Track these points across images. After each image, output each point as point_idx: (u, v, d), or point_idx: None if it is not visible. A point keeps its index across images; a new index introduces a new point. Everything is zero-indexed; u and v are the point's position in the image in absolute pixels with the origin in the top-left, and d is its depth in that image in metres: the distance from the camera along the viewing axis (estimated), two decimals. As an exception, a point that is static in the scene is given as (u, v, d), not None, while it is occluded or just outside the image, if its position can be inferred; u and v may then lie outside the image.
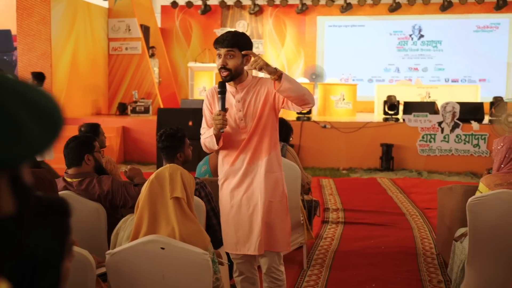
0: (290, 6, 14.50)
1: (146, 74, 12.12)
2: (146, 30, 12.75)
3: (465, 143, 9.35)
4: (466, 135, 9.38)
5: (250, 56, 2.90)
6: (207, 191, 3.40)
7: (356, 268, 4.56)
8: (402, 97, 10.94)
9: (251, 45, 2.99)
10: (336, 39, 14.73)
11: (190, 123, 9.01)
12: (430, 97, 11.99)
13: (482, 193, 3.33)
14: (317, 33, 14.82)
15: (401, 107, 10.42)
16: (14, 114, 0.79)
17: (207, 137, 2.99)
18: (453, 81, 14.31)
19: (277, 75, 2.76)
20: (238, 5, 14.67)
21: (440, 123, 9.46)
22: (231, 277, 3.55)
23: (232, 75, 2.91)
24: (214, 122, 2.89)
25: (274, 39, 14.95)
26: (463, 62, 14.23)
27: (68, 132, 5.31)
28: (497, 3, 13.63)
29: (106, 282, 2.45)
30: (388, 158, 9.49)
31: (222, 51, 2.89)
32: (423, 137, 9.51)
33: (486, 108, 10.44)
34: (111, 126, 10.35)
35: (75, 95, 11.00)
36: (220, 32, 13.83)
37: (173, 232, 2.34)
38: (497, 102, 10.23)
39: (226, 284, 3.37)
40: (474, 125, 9.36)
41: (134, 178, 3.45)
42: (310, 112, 10.37)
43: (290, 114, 10.72)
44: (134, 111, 11.48)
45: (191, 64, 12.69)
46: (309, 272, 4.47)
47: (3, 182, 0.86)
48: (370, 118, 11.04)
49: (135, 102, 11.60)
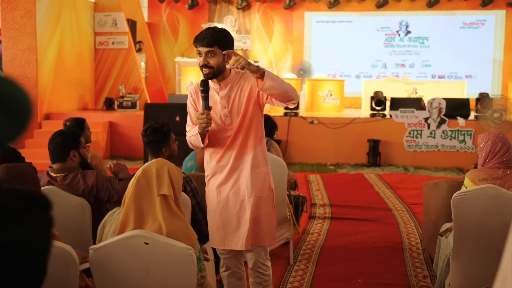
0: (278, 2, 14.47)
1: (133, 69, 12.04)
2: (133, 24, 12.66)
3: (451, 139, 9.41)
4: (452, 131, 9.43)
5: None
6: (193, 186, 3.38)
7: (342, 263, 4.57)
8: (389, 93, 10.98)
9: (232, 41, 2.95)
10: (323, 35, 14.73)
11: (177, 118, 8.98)
12: (417, 93, 12.05)
13: (467, 188, 3.35)
14: (304, 28, 14.81)
15: (388, 103, 10.46)
16: None
17: (193, 135, 2.97)
18: (439, 77, 14.38)
19: (259, 74, 2.74)
20: (226, 0, 14.60)
21: (426, 119, 9.50)
22: (217, 272, 3.54)
23: (214, 73, 2.89)
24: (198, 122, 2.86)
25: (262, 35, 14.92)
26: (450, 59, 14.30)
27: (53, 126, 5.25)
28: (483, 0, 13.71)
29: (91, 277, 2.43)
30: (375, 153, 9.52)
31: (202, 50, 2.85)
32: (410, 133, 9.56)
33: (472, 104, 10.52)
34: (98, 121, 10.27)
35: (61, 90, 10.89)
36: (208, 26, 13.76)
37: (159, 228, 2.32)
38: (482, 98, 10.30)
39: (212, 280, 3.36)
40: (460, 121, 9.42)
41: (119, 174, 3.42)
42: (297, 107, 10.37)
43: (278, 110, 10.71)
44: (121, 106, 11.40)
45: (178, 59, 12.63)
46: (295, 267, 4.47)
47: None
48: (358, 114, 11.07)
49: (122, 97, 11.52)
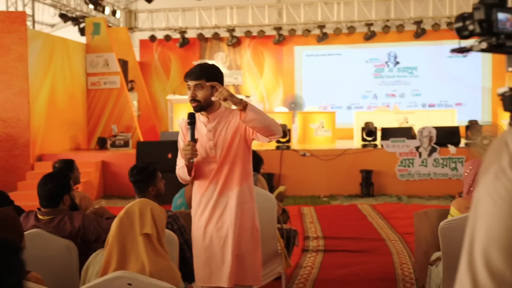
0: (267, 37, 14.70)
1: (125, 108, 12.12)
2: (124, 64, 12.80)
3: (443, 167, 9.45)
4: (443, 159, 9.48)
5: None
6: (180, 224, 3.38)
7: (335, 296, 4.53)
8: (381, 123, 11.06)
9: (220, 75, 3.03)
10: (313, 68, 14.92)
11: (169, 156, 8.99)
12: (408, 122, 12.14)
13: (453, 216, 3.36)
14: (294, 62, 15.01)
15: (379, 133, 10.53)
16: None
17: (180, 167, 3.01)
18: (430, 106, 14.52)
19: (242, 106, 2.79)
20: (216, 37, 14.83)
21: (417, 148, 9.56)
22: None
23: (201, 106, 2.96)
24: (184, 152, 2.92)
25: (253, 70, 15.10)
26: (439, 87, 14.47)
27: (46, 168, 5.20)
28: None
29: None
30: (368, 184, 9.54)
31: (191, 84, 2.96)
32: (402, 162, 9.60)
33: (463, 131, 10.60)
34: (90, 161, 10.29)
35: (54, 131, 10.94)
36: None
37: (143, 268, 2.32)
38: (472, 125, 10.39)
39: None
40: (451, 148, 9.48)
41: (103, 216, 3.42)
42: (289, 140, 10.43)
43: (270, 143, 10.75)
44: (113, 145, 11.43)
45: (170, 96, 12.74)
46: (288, 302, 4.43)
47: None
48: (350, 145, 11.13)
49: (115, 136, 11.57)
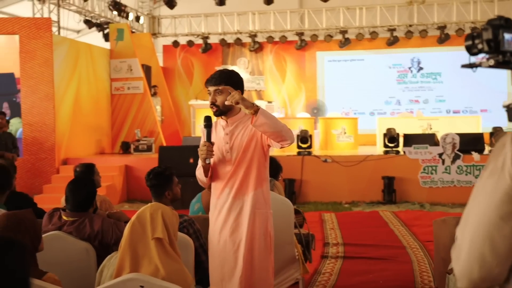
0: (290, 43, 14.71)
1: (148, 113, 12.25)
2: (147, 69, 12.95)
3: (466, 174, 9.32)
4: (467, 166, 9.35)
5: (239, 91, 2.99)
6: (196, 228, 3.40)
7: (353, 303, 4.50)
8: (404, 129, 10.96)
9: (238, 81, 3.07)
10: (336, 74, 14.88)
11: (191, 160, 9.05)
12: (431, 128, 12.00)
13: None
14: (317, 68, 15.00)
15: (401, 140, 10.44)
16: None
17: (198, 168, 3.08)
18: (454, 112, 14.35)
19: (253, 110, 2.81)
20: (238, 42, 14.91)
21: (440, 155, 9.45)
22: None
23: (221, 111, 3.03)
24: (200, 153, 2.97)
25: (275, 75, 15.13)
26: (464, 93, 14.29)
27: (70, 172, 5.23)
28: (494, 34, 13.76)
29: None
30: (390, 190, 9.46)
31: (211, 89, 3.04)
32: (425, 169, 9.50)
33: (487, 138, 10.44)
34: (114, 165, 10.42)
35: (79, 136, 11.11)
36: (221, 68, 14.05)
37: (156, 270, 2.35)
38: (496, 132, 10.23)
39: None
40: (475, 155, 9.35)
41: (120, 219, 3.47)
42: (310, 146, 10.41)
43: (291, 149, 10.77)
44: (137, 150, 11.56)
45: (192, 102, 12.83)
46: (305, 308, 4.42)
47: None
48: (373, 151, 11.05)
49: (138, 140, 11.70)
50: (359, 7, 14.31)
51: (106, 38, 13.56)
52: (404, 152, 9.75)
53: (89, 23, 13.46)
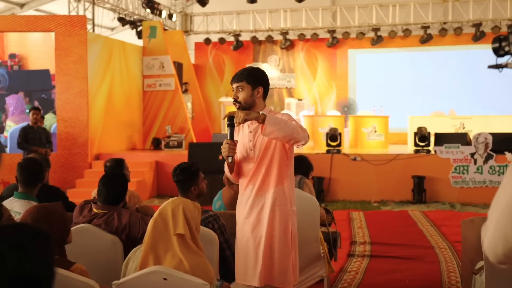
0: (321, 40, 14.66)
1: (179, 110, 12.39)
2: (179, 66, 13.09)
3: (499, 175, 9.14)
4: (500, 166, 9.18)
5: (260, 88, 3.06)
6: (221, 224, 3.45)
7: (378, 302, 4.49)
8: (436, 128, 10.82)
9: (261, 77, 3.12)
10: (367, 72, 14.76)
11: (220, 157, 9.11)
12: (464, 127, 11.82)
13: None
14: (348, 65, 14.90)
15: (432, 139, 10.31)
16: None
17: (226, 165, 3.16)
18: (488, 111, 14.06)
19: (261, 119, 2.86)
20: (270, 40, 14.93)
21: (472, 155, 9.30)
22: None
23: (243, 107, 3.08)
24: (222, 150, 3.02)
25: (306, 73, 15.10)
26: (499, 92, 14.00)
27: (102, 167, 5.33)
28: (531, 32, 13.46)
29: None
30: (420, 190, 9.35)
31: (234, 86, 3.12)
32: (456, 168, 9.36)
33: (522, 138, 10.21)
34: (145, 161, 10.58)
35: (111, 131, 11.32)
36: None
37: (180, 263, 2.40)
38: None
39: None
40: (508, 156, 9.16)
41: (147, 214, 3.54)
42: (340, 144, 10.37)
43: (320, 147, 10.75)
44: (167, 146, 11.72)
45: (223, 99, 12.93)
46: (330, 306, 4.43)
47: None
48: (404, 150, 10.94)
49: (169, 137, 11.85)
50: (392, 4, 14.16)
51: (139, 35, 13.77)
52: (435, 151, 9.63)
53: (122, 21, 13.68)
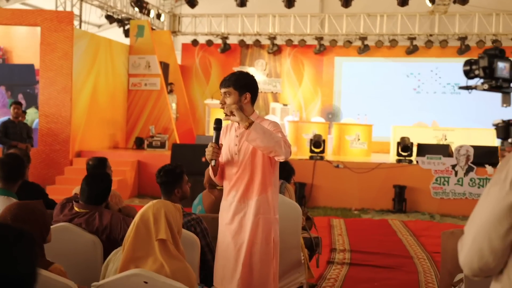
0: (308, 47, 14.71)
1: (163, 110, 12.33)
2: (165, 67, 13.04)
3: (479, 187, 9.25)
4: (480, 179, 9.29)
5: (247, 94, 3.06)
6: (203, 227, 3.43)
7: (356, 310, 4.50)
8: (418, 139, 10.91)
9: (248, 83, 3.11)
10: (353, 80, 14.85)
11: (203, 159, 9.08)
12: (446, 139, 11.93)
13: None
14: (334, 73, 14.98)
15: (415, 149, 10.39)
16: None
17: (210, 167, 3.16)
18: (470, 124, 14.21)
19: (247, 123, 2.87)
20: (257, 44, 14.94)
21: (454, 166, 9.40)
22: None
23: (230, 113, 3.04)
24: (206, 153, 3.02)
25: (292, 78, 15.14)
26: (481, 106, 14.16)
27: (84, 164, 5.31)
28: (515, 48, 13.67)
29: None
30: (400, 199, 9.42)
31: (222, 91, 3.12)
32: (437, 179, 9.45)
33: (502, 152, 10.33)
34: (127, 160, 10.51)
35: (94, 129, 11.22)
36: (238, 70, 14.11)
37: (161, 267, 2.38)
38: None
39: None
40: (489, 169, 9.28)
41: (130, 215, 3.50)
42: (323, 151, 10.41)
43: (303, 153, 10.78)
44: (150, 146, 11.65)
45: (208, 101, 12.90)
46: (308, 313, 4.43)
47: None
48: (386, 159, 11.02)
49: (152, 137, 11.78)
50: (380, 14, 14.27)
51: (126, 34, 13.68)
52: (417, 161, 9.71)
53: (110, 19, 13.58)
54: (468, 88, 1.79)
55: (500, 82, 1.74)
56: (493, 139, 12.01)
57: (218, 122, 3.10)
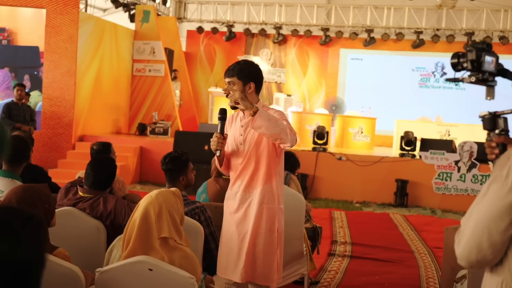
0: (314, 37, 14.63)
1: (167, 97, 12.29)
2: (170, 53, 12.97)
3: (481, 184, 9.23)
4: (483, 176, 9.26)
5: (251, 84, 3.04)
6: (207, 216, 3.42)
7: (357, 303, 4.50)
8: (422, 133, 10.87)
9: (252, 73, 3.08)
10: (358, 72, 14.78)
11: (206, 148, 9.08)
12: (450, 135, 11.89)
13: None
14: (339, 65, 14.90)
15: (418, 144, 10.36)
16: None
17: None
18: (474, 120, 14.17)
19: (252, 111, 2.84)
20: (263, 33, 14.86)
21: (457, 162, 9.37)
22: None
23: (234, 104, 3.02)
24: (211, 144, 3.00)
25: (297, 69, 15.07)
26: (486, 102, 14.08)
27: (86, 148, 5.34)
28: (522, 45, 13.57)
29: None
30: (402, 194, 9.41)
31: (226, 80, 3.10)
32: (439, 175, 9.43)
33: (506, 149, 10.30)
34: (129, 146, 10.49)
35: (97, 113, 11.19)
36: (243, 58, 14.02)
37: (162, 259, 2.36)
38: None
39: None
40: (491, 166, 9.22)
41: (134, 201, 3.49)
42: (326, 143, 10.38)
43: (306, 144, 10.75)
44: (153, 132, 11.62)
45: (212, 89, 12.85)
46: (309, 304, 4.42)
47: None
48: (388, 152, 10.99)
49: (155, 123, 11.75)
50: (387, 7, 14.17)
51: (132, 19, 13.59)
52: (420, 156, 9.68)
53: (116, 3, 13.48)
54: (455, 80, 1.84)
55: (486, 75, 1.80)
56: (496, 136, 11.97)
57: (222, 112, 3.07)
